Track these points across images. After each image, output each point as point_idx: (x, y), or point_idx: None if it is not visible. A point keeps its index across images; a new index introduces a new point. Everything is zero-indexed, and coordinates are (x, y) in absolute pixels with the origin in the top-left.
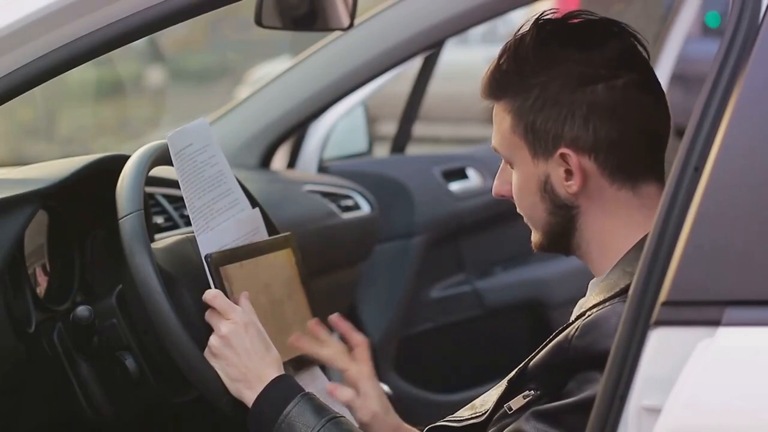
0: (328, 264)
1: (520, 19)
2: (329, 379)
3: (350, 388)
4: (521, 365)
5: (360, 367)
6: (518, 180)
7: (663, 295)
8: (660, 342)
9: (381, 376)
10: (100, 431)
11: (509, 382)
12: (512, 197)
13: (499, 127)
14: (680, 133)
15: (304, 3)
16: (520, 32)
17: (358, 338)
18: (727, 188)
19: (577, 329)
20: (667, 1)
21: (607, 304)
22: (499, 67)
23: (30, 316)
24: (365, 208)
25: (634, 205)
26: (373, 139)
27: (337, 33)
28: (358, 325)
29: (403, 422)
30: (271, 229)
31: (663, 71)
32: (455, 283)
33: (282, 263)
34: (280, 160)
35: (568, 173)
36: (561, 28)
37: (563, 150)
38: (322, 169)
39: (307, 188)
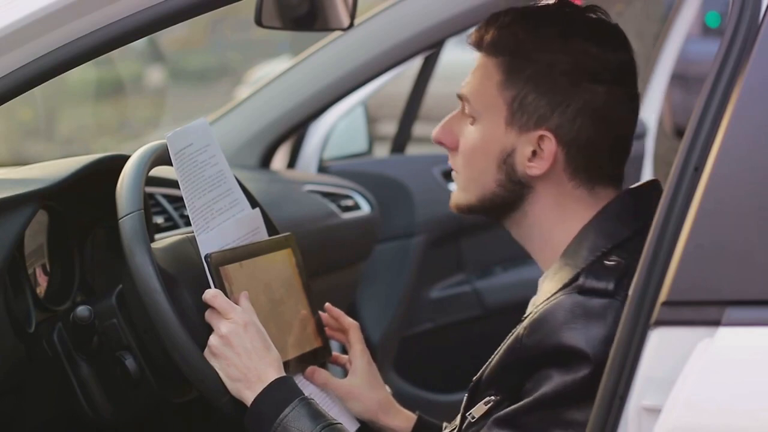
0: (328, 264)
1: None
2: None
3: (325, 372)
4: (480, 372)
5: (355, 346)
6: (477, 139)
7: (663, 295)
8: (660, 342)
9: (381, 375)
10: (100, 431)
11: (469, 390)
12: (452, 148)
13: (483, 80)
14: (680, 133)
15: (304, 3)
16: (544, 2)
17: (349, 321)
18: (727, 188)
19: (526, 328)
20: (667, 1)
21: (552, 298)
22: (508, 25)
23: (30, 316)
24: (365, 208)
25: (586, 202)
26: (373, 139)
27: (337, 33)
28: None
29: (393, 400)
30: (271, 229)
31: (663, 71)
32: (455, 283)
33: (282, 263)
34: (280, 160)
35: (534, 154)
36: (583, 17)
37: (544, 132)
38: (322, 169)
39: (307, 188)
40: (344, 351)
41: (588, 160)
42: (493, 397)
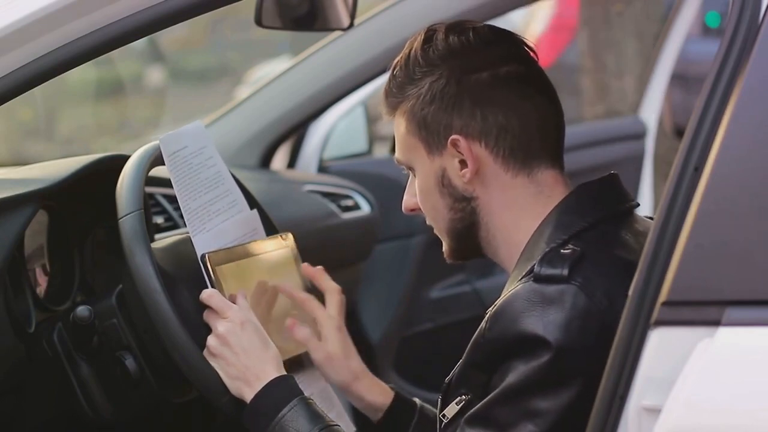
0: (328, 264)
1: (520, 19)
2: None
3: (308, 328)
4: (451, 372)
5: (327, 312)
6: (420, 183)
7: (663, 295)
8: (660, 342)
9: (381, 375)
10: (100, 431)
11: (442, 390)
12: (418, 210)
13: (398, 135)
14: (680, 133)
15: (304, 3)
16: (409, 42)
17: (329, 285)
18: (726, 188)
19: (487, 322)
20: (667, 1)
21: (510, 289)
22: (393, 78)
23: (30, 316)
24: (365, 208)
25: (531, 192)
26: (373, 139)
27: (337, 33)
28: (358, 325)
29: (367, 370)
30: (271, 229)
31: (663, 71)
32: (455, 283)
33: (280, 261)
34: (280, 160)
35: (463, 163)
36: (447, 34)
37: (453, 136)
38: (322, 169)
39: (307, 188)
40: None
41: (511, 142)
42: (463, 396)
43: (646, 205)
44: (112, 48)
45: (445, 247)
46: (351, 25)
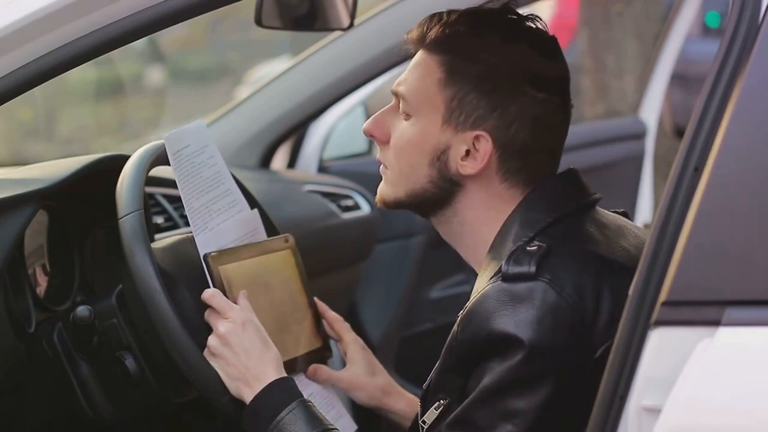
0: (328, 264)
1: None
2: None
3: (326, 368)
4: (429, 377)
5: (345, 336)
6: (411, 135)
7: (663, 295)
8: (660, 342)
9: None
10: (100, 431)
11: (421, 396)
12: (383, 141)
13: (422, 77)
14: (680, 133)
15: (304, 3)
16: (488, 5)
17: (332, 315)
18: (726, 188)
19: (458, 324)
20: (667, 1)
21: (479, 291)
22: (453, 24)
23: (30, 316)
24: (365, 208)
25: (514, 203)
26: None
27: (337, 33)
28: (358, 325)
29: (394, 383)
30: (271, 229)
31: (663, 71)
32: (455, 283)
33: (282, 263)
34: (280, 160)
35: (468, 153)
36: (525, 25)
37: (481, 132)
38: (322, 169)
39: (307, 188)
40: None
41: (521, 163)
42: (442, 401)
43: (646, 205)
44: (112, 48)
45: (387, 193)
46: (351, 25)
